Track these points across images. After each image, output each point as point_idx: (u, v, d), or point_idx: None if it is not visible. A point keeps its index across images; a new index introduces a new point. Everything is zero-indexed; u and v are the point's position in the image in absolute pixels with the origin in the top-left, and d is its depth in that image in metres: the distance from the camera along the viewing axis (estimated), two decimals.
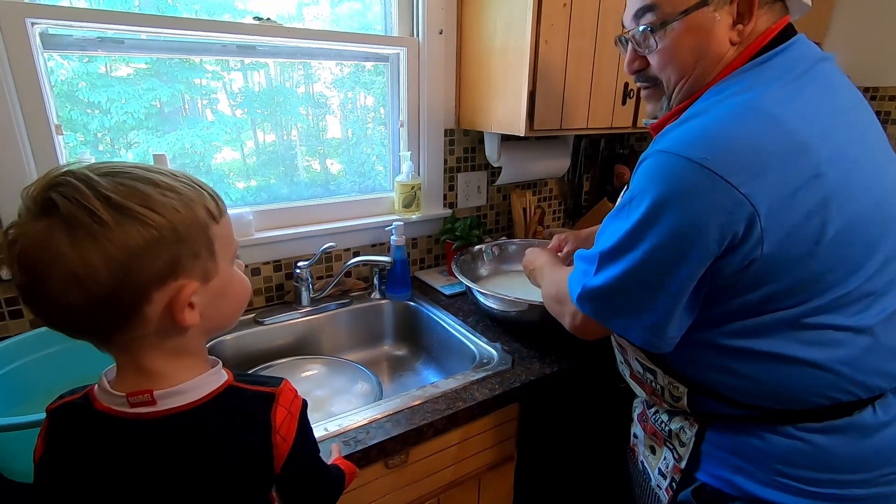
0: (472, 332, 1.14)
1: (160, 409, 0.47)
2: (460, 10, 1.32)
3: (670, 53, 0.66)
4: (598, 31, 1.19)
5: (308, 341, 1.22)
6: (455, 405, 0.88)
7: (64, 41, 0.95)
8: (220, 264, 0.48)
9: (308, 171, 1.34)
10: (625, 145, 1.82)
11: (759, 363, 0.62)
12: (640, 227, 0.59)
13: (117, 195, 0.42)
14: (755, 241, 0.56)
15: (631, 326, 0.64)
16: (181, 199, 0.45)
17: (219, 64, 1.15)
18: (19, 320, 0.99)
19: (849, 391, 0.61)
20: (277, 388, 0.53)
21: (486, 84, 1.28)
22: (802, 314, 0.60)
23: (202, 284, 0.47)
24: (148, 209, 0.42)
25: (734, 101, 0.60)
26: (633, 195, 0.61)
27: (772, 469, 0.64)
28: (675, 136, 0.59)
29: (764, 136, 0.56)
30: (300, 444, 0.53)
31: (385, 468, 0.84)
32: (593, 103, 1.26)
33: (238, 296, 0.53)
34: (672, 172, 0.57)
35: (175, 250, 0.44)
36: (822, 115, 0.60)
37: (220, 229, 0.48)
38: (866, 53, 1.73)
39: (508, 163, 1.43)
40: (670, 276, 0.59)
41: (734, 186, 0.54)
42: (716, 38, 0.63)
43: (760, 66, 0.62)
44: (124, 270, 0.41)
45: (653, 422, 0.77)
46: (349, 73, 1.33)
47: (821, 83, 0.62)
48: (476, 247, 1.37)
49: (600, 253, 0.65)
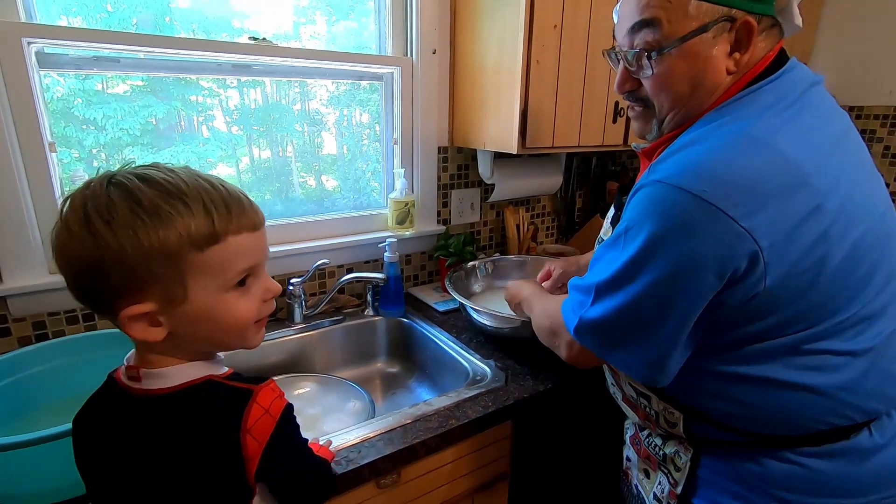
0: (465, 349, 1.13)
1: (143, 387, 0.50)
2: (453, 31, 1.34)
3: (665, 80, 0.64)
4: (588, 51, 1.21)
5: (300, 359, 1.21)
6: (448, 423, 0.87)
7: (60, 60, 0.96)
8: (192, 291, 0.47)
9: (303, 188, 1.34)
10: (616, 162, 1.85)
11: (756, 389, 0.61)
12: (638, 261, 0.58)
13: (93, 207, 0.44)
14: (758, 275, 0.54)
15: (631, 362, 0.63)
16: (152, 221, 0.44)
17: (215, 81, 1.16)
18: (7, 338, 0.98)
19: (845, 415, 0.61)
20: (257, 386, 0.51)
21: (478, 103, 1.30)
22: (801, 341, 0.59)
23: (163, 307, 0.47)
24: (107, 227, 0.44)
25: (730, 130, 0.58)
26: (629, 226, 0.59)
27: (771, 495, 0.63)
28: (671, 165, 0.58)
29: (764, 168, 0.55)
30: (279, 447, 0.51)
31: (377, 488, 0.82)
32: (584, 121, 1.28)
33: (222, 324, 0.50)
34: (670, 205, 0.55)
35: (124, 273, 0.45)
36: (819, 143, 0.59)
37: (208, 257, 0.47)
38: (851, 72, 1.76)
39: (501, 180, 1.44)
40: (670, 311, 0.57)
41: (735, 220, 0.53)
42: (712, 67, 0.61)
43: (755, 93, 0.61)
44: (82, 278, 0.46)
45: (646, 445, 0.76)
46: (345, 90, 1.34)
47: (815, 109, 0.61)
48: (469, 263, 1.37)
49: (597, 284, 0.63)
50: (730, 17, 0.59)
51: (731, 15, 0.59)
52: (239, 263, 0.50)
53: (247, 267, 0.51)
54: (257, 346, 0.55)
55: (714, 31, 0.59)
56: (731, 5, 0.59)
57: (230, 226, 0.48)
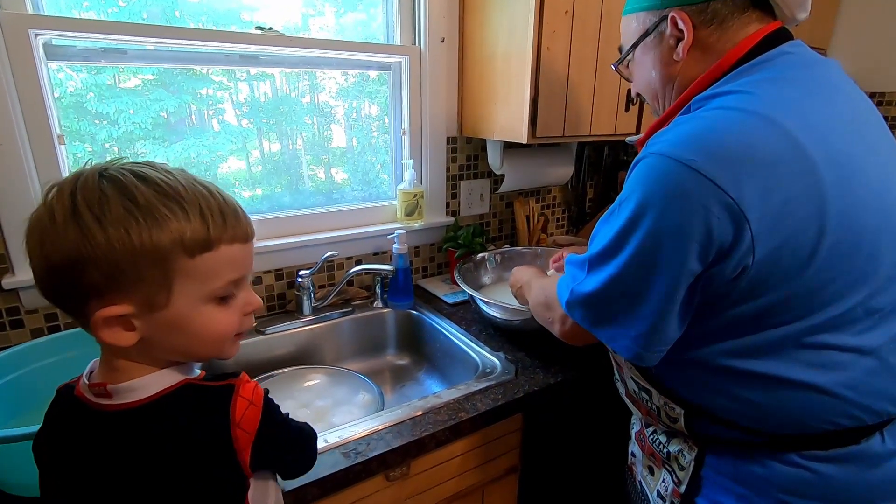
0: (474, 342, 1.12)
1: (115, 402, 0.47)
2: (462, 18, 1.32)
3: (636, 80, 0.77)
4: (600, 37, 1.18)
5: (310, 351, 1.21)
6: (458, 416, 0.87)
7: (67, 52, 0.96)
8: (175, 298, 0.46)
9: (313, 180, 1.34)
10: (628, 152, 1.81)
11: (757, 386, 0.59)
12: (626, 230, 0.58)
13: (83, 199, 0.43)
14: (746, 247, 0.53)
15: (618, 336, 0.62)
16: (146, 221, 0.43)
17: (225, 74, 1.16)
18: (20, 330, 0.99)
19: (853, 416, 0.58)
20: (236, 380, 0.50)
21: (488, 91, 1.28)
22: (802, 332, 0.57)
23: (144, 311, 0.45)
24: (97, 222, 0.42)
25: (722, 105, 0.59)
26: (622, 199, 0.60)
27: (775, 498, 0.61)
28: (665, 139, 0.58)
29: (756, 139, 0.54)
30: (268, 433, 0.51)
31: (386, 481, 0.82)
32: (596, 110, 1.25)
33: (199, 335, 0.49)
34: (659, 174, 0.55)
35: (109, 271, 0.43)
36: (820, 121, 0.57)
37: (197, 264, 0.46)
38: (871, 58, 1.71)
39: (511, 170, 1.42)
40: (656, 281, 0.57)
41: (723, 189, 0.52)
42: (661, 60, 0.70)
43: (744, 73, 0.61)
44: (58, 273, 0.43)
45: (650, 442, 0.75)
46: (353, 82, 1.33)
47: (816, 88, 0.60)
48: (479, 255, 1.36)
49: (589, 258, 0.64)
50: (664, 16, 0.67)
51: (664, 15, 0.67)
52: (227, 274, 0.48)
53: (235, 278, 0.49)
54: (233, 357, 0.54)
55: (654, 34, 0.69)
56: (661, 7, 0.67)
57: (224, 235, 0.47)
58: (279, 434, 0.55)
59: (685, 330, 0.60)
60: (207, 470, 0.48)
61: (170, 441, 0.47)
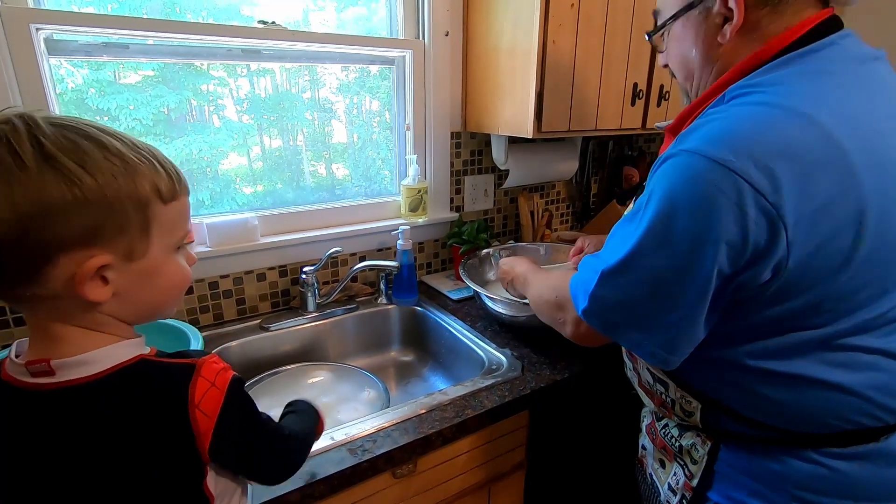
0: (480, 338, 1.12)
1: (59, 380, 0.44)
2: (466, 12, 1.31)
3: (671, 54, 0.70)
4: (606, 30, 1.17)
5: (314, 347, 1.20)
6: (464, 413, 0.86)
7: (69, 46, 0.95)
8: (152, 247, 0.46)
9: (314, 176, 1.33)
10: (633, 147, 1.80)
11: (780, 384, 0.58)
12: (655, 235, 0.55)
13: (53, 145, 0.40)
14: (781, 253, 0.51)
15: (643, 342, 0.60)
16: (125, 168, 0.43)
17: (226, 70, 1.15)
18: (24, 328, 0.99)
19: (875, 416, 0.58)
20: (199, 360, 0.49)
21: (492, 86, 1.27)
22: (830, 336, 0.56)
23: (122, 261, 0.44)
24: (80, 167, 0.40)
25: (760, 99, 0.55)
26: (648, 198, 0.56)
27: (790, 495, 0.60)
28: (698, 135, 0.54)
29: (796, 139, 0.51)
30: (231, 421, 0.48)
31: (393, 478, 0.82)
32: (602, 104, 1.24)
33: (168, 286, 0.49)
34: (692, 173, 0.52)
35: (97, 218, 0.41)
36: (862, 119, 0.54)
37: (167, 212, 0.47)
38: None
39: (516, 165, 1.41)
40: (686, 288, 0.54)
41: (760, 192, 0.49)
42: (704, 40, 0.63)
43: (789, 63, 0.57)
44: (30, 223, 0.39)
45: (662, 435, 0.74)
46: (355, 78, 1.32)
47: (863, 85, 0.56)
48: (483, 251, 1.35)
49: (608, 260, 0.60)
50: None
51: None
52: (184, 224, 0.50)
53: (188, 229, 0.51)
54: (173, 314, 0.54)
55: (700, 8, 0.63)
56: None
57: (180, 186, 0.49)
58: (246, 425, 0.52)
59: (710, 329, 0.59)
60: (161, 454, 0.46)
61: (119, 422, 0.44)
